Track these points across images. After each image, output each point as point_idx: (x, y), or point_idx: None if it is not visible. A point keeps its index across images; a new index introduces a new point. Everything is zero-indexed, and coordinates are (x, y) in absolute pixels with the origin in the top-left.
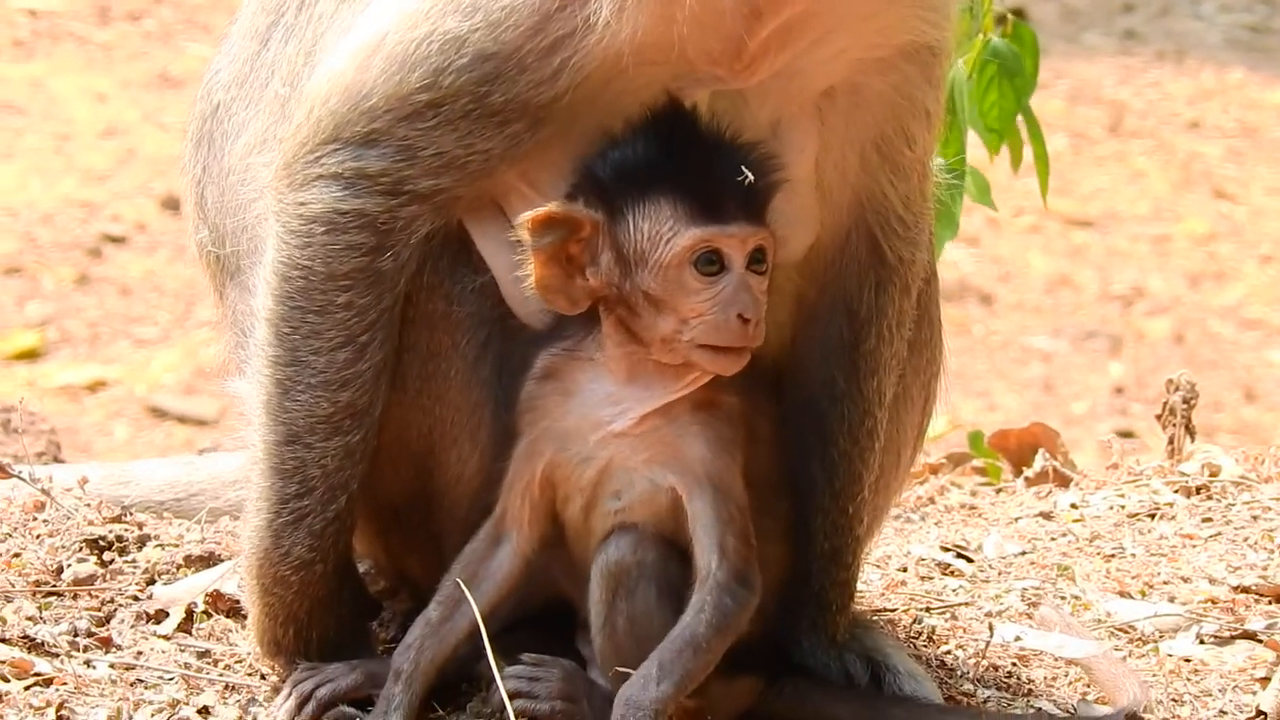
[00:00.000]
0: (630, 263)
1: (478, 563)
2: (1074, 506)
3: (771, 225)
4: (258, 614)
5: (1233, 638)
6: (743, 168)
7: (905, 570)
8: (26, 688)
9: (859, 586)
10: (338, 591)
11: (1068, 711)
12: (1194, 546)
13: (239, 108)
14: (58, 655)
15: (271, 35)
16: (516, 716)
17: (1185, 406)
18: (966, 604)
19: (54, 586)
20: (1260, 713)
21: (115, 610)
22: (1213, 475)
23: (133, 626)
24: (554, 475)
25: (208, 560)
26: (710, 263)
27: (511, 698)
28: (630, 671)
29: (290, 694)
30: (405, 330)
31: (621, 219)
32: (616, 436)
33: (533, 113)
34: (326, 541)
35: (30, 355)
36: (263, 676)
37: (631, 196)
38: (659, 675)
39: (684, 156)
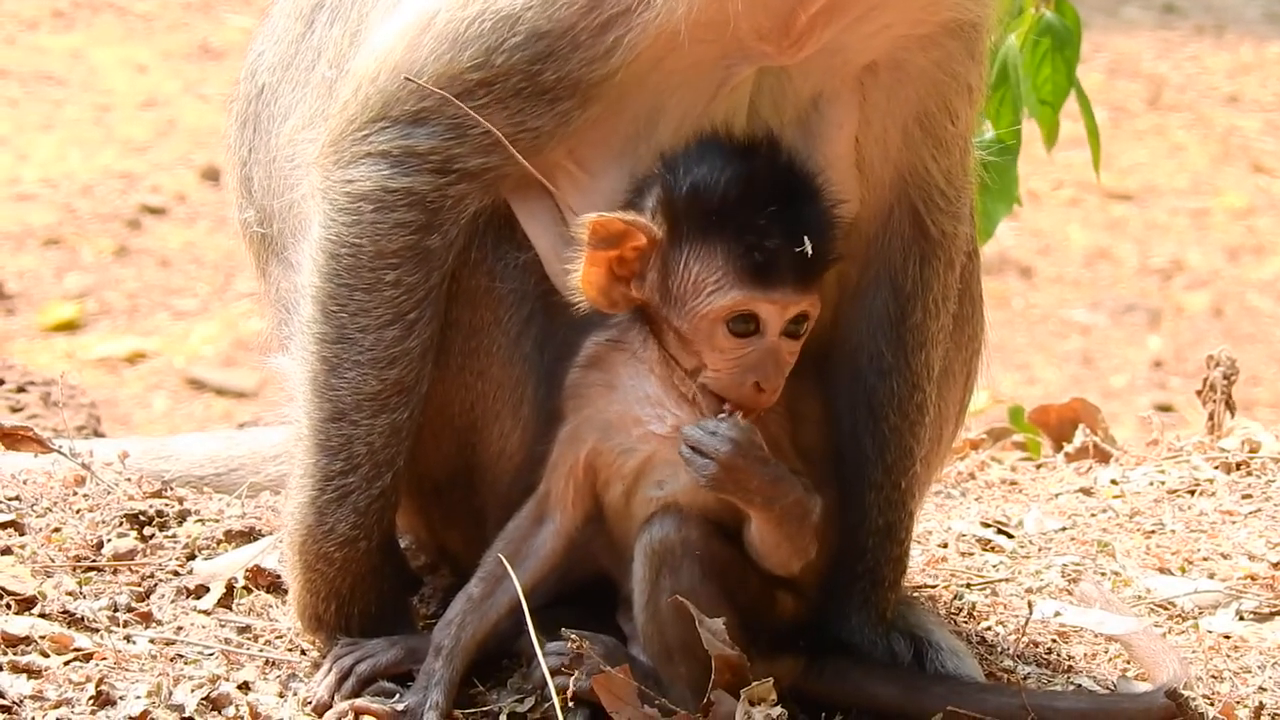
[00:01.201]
0: (671, 295)
1: (520, 540)
2: (1114, 482)
3: (819, 291)
4: (299, 589)
5: (1272, 614)
6: (805, 237)
7: (946, 546)
8: (66, 663)
9: None
10: (380, 568)
11: (1107, 688)
12: (1234, 523)
13: (285, 90)
14: (97, 630)
15: (316, 17)
16: (558, 692)
17: (1225, 382)
18: (1007, 580)
19: (94, 561)
20: None
21: (155, 585)
22: (1253, 451)
23: (173, 602)
24: (596, 461)
25: (248, 535)
26: (745, 322)
27: (553, 674)
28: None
29: (330, 669)
30: (449, 306)
31: (677, 248)
32: (654, 435)
33: (584, 91)
34: (370, 519)
35: (69, 327)
36: (303, 652)
37: (694, 229)
38: None
39: (756, 206)
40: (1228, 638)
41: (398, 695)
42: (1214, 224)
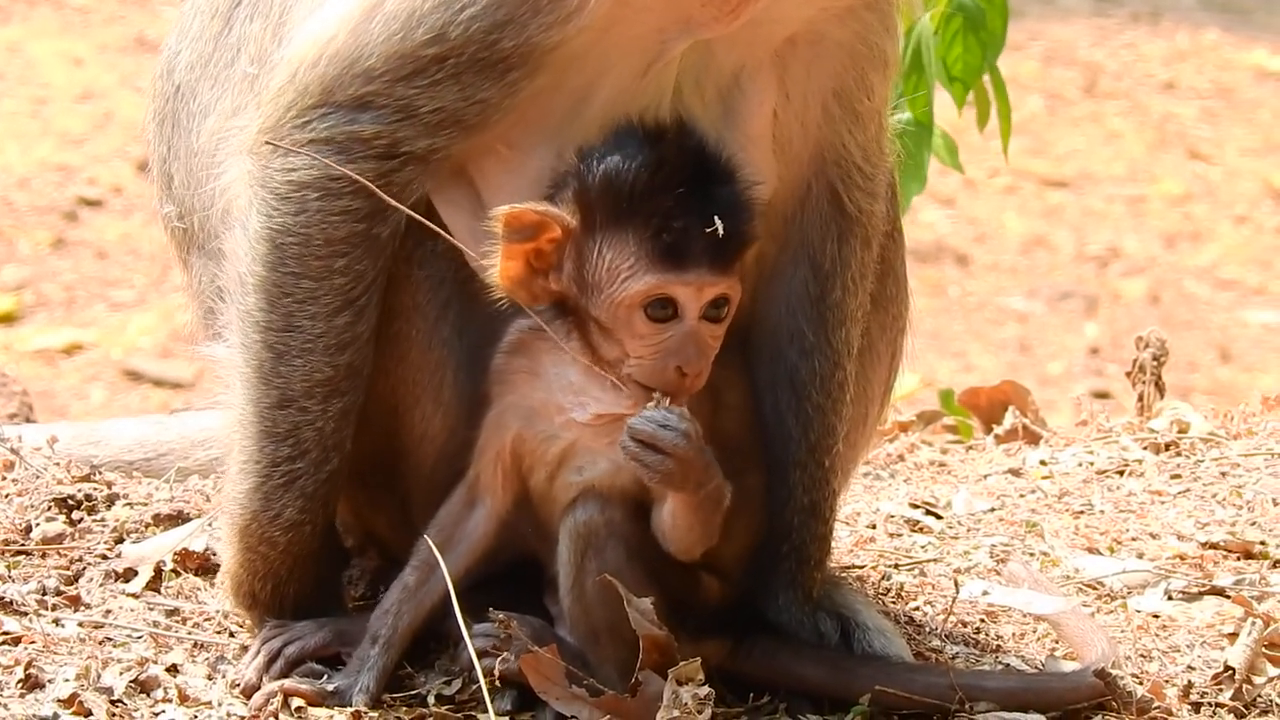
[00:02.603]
0: (587, 285)
1: (453, 525)
2: (1043, 463)
3: (738, 273)
4: (236, 569)
5: (1201, 594)
6: (715, 217)
7: (874, 527)
8: None
9: None
10: (320, 550)
11: (1036, 668)
12: (1163, 503)
13: (204, 88)
14: (26, 614)
15: (235, 14)
16: (485, 674)
17: (1155, 363)
18: (935, 560)
19: (22, 545)
20: (1228, 668)
21: (84, 569)
22: (1181, 432)
23: (101, 585)
24: (520, 448)
25: (176, 519)
26: (663, 308)
27: (480, 655)
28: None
29: (259, 651)
30: None
31: (591, 238)
32: (578, 424)
33: (536, 59)
34: (317, 503)
35: (6, 319)
36: (231, 634)
37: (606, 218)
38: None
39: (666, 189)
40: (1156, 617)
41: (326, 676)
42: (1151, 211)
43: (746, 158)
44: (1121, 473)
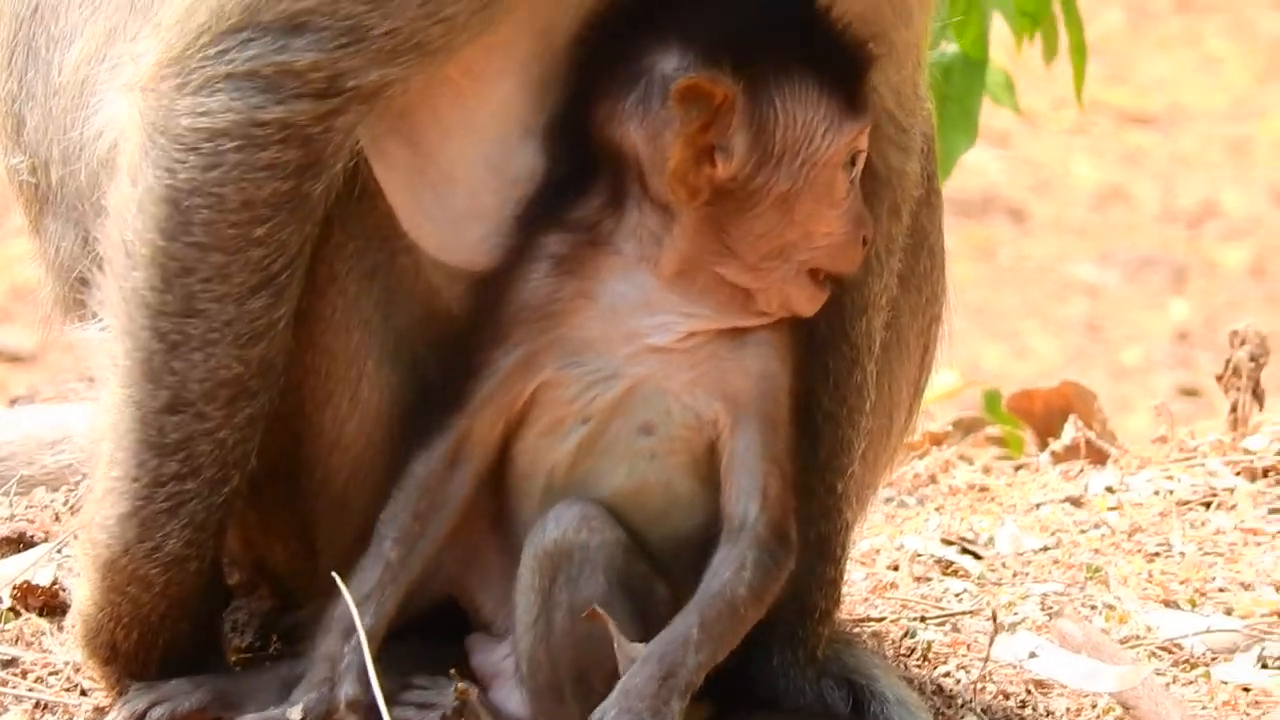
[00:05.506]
0: (773, 156)
1: (436, 487)
2: (1110, 490)
3: None
4: (94, 611)
5: None
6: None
7: (897, 569)
8: None
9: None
10: (203, 591)
11: None
12: (1259, 545)
13: (69, 8)
14: None
15: None
16: None
17: (1253, 365)
18: (972, 613)
19: None
20: None
21: None
22: None
23: None
24: (546, 396)
25: (17, 542)
26: (854, 163)
27: None
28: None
29: (119, 716)
30: None
31: (765, 99)
32: (654, 351)
33: None
34: (208, 533)
35: None
36: (83, 693)
37: (775, 69)
38: (701, 638)
39: (811, 25)
40: (1247, 690)
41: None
42: (1257, 157)
43: None
44: (1208, 505)
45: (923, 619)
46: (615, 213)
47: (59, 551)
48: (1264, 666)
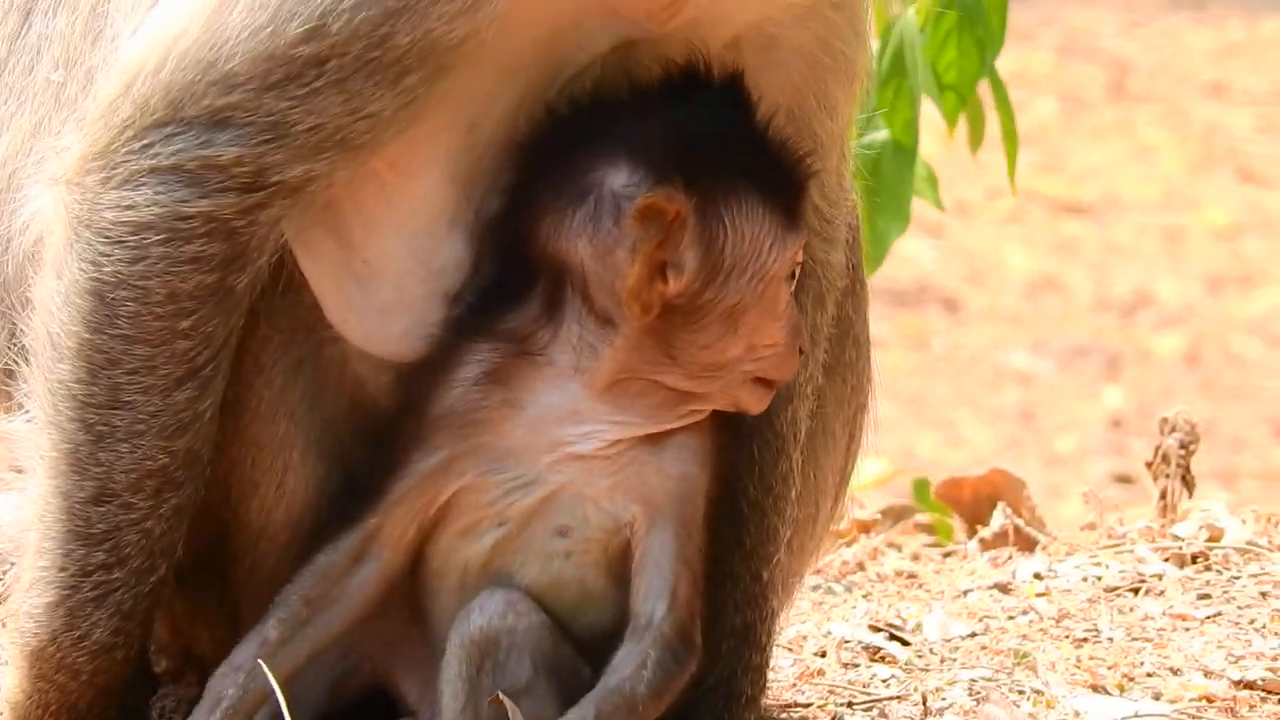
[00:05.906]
0: (721, 270)
1: (336, 579)
2: (1038, 577)
3: None
4: (21, 699)
5: None
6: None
7: (824, 655)
8: None
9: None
10: (130, 678)
11: None
12: (1187, 630)
13: None
14: None
15: (34, 7)
16: None
17: (1183, 452)
18: (899, 698)
19: None
20: None
21: None
22: (1212, 540)
23: None
24: (464, 500)
25: None
26: (792, 279)
27: None
28: None
29: None
30: None
31: (714, 213)
32: (576, 459)
33: (436, 59)
34: (134, 621)
35: None
36: None
37: (722, 185)
38: None
39: (752, 138)
40: None
41: None
42: (1191, 246)
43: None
44: (1136, 590)
45: (850, 704)
46: (551, 324)
47: (9, 647)
48: None
